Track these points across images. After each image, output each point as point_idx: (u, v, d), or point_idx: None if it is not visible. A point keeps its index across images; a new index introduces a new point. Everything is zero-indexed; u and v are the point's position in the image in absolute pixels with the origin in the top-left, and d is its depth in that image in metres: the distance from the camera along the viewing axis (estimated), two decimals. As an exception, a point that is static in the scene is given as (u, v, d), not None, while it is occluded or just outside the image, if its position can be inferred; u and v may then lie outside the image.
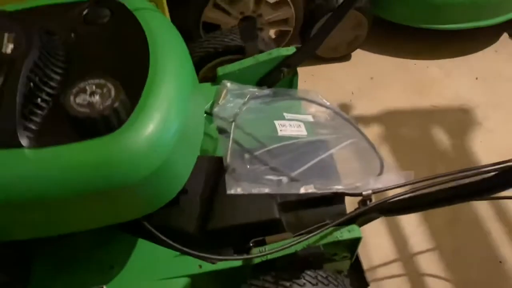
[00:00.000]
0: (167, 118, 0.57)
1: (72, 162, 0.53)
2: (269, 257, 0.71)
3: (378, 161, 0.85)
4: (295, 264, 0.71)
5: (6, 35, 0.59)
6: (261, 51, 1.03)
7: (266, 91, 0.99)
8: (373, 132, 1.23)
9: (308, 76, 1.31)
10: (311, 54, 0.97)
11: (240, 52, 1.02)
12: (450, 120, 1.28)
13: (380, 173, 0.82)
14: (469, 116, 1.30)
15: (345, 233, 0.73)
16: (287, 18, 1.22)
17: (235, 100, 0.94)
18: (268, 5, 1.18)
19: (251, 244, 0.75)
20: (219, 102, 0.93)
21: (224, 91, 0.96)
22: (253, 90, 0.98)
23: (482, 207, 1.08)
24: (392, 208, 0.71)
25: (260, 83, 1.02)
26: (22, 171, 0.52)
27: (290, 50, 1.00)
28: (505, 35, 1.53)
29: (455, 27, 1.35)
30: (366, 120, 1.25)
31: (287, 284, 0.69)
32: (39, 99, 0.56)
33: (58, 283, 0.71)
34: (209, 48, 1.01)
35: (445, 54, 1.44)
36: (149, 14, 0.69)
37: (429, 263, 1.01)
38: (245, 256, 0.72)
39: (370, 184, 0.76)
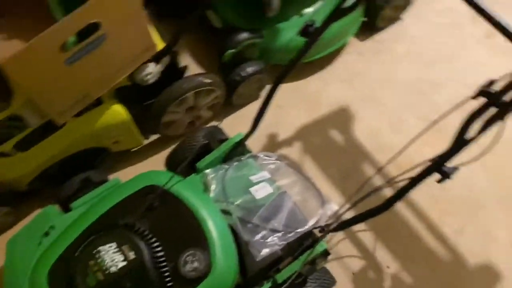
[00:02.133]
0: (229, 253, 1.01)
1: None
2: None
3: (319, 195, 1.36)
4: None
5: (123, 247, 0.95)
6: (219, 140, 1.44)
7: (232, 164, 1.42)
8: (296, 150, 1.72)
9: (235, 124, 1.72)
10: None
11: (207, 148, 1.41)
12: (337, 120, 1.81)
13: (323, 203, 1.32)
14: (347, 112, 1.84)
15: (318, 248, 1.25)
16: (217, 96, 1.61)
17: (217, 183, 1.36)
18: (202, 96, 1.55)
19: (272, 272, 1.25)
20: (210, 189, 1.35)
21: (208, 179, 1.37)
22: (224, 167, 1.40)
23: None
24: (341, 227, 1.22)
25: (224, 160, 1.44)
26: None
27: (239, 136, 1.42)
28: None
29: (317, 57, 1.83)
30: (287, 143, 1.73)
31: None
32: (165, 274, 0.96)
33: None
34: (187, 153, 1.39)
35: (319, 65, 1.93)
36: (180, 185, 1.08)
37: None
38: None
39: (322, 217, 1.27)
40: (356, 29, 1.90)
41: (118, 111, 1.39)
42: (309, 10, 1.70)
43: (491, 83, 0.95)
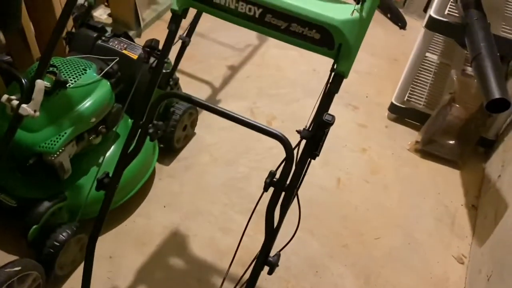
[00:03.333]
0: None
1: None
2: None
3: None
4: None
5: None
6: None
7: None
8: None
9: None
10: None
11: None
12: (173, 246, 1.79)
13: None
14: (180, 234, 1.84)
15: None
16: (35, 279, 1.42)
17: None
18: (16, 287, 1.35)
19: None
20: None
21: None
22: None
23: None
24: None
25: None
26: None
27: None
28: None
29: (131, 194, 1.81)
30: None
31: None
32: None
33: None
34: None
35: (137, 201, 1.91)
36: None
37: None
38: None
39: None
40: (156, 157, 1.96)
41: None
42: (104, 157, 1.70)
43: (273, 174, 1.07)
